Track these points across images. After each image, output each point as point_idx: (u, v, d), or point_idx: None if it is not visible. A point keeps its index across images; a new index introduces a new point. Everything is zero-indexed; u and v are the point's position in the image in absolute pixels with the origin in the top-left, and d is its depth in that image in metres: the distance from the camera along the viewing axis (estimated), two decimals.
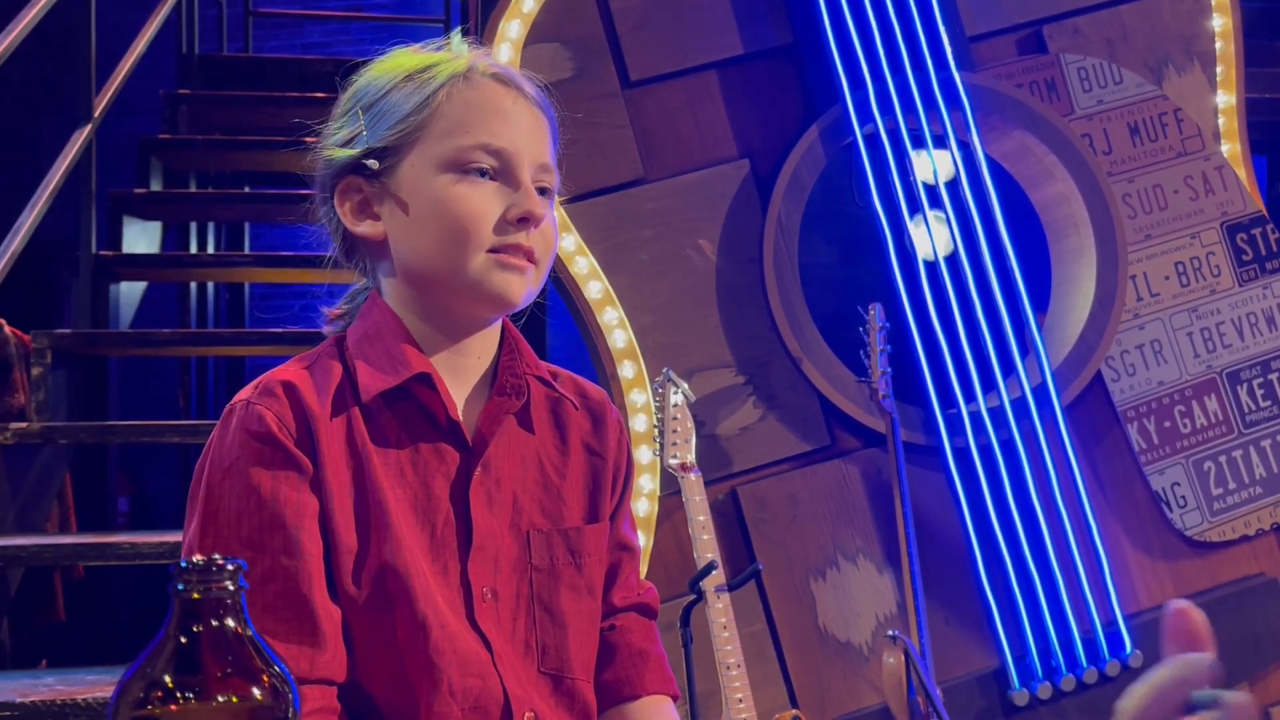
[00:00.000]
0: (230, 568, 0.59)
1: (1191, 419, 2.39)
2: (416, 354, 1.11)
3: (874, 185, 2.29)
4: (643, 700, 1.19)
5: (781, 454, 2.23)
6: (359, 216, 1.13)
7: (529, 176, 1.11)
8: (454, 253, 1.09)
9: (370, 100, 1.13)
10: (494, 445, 1.12)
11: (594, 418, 1.20)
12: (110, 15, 3.45)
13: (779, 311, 2.24)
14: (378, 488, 1.07)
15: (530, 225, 1.10)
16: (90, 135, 3.11)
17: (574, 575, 1.14)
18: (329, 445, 1.07)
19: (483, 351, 1.15)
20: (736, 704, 1.91)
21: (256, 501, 1.04)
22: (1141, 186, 2.43)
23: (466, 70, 1.13)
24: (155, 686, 0.56)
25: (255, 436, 1.06)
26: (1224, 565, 2.38)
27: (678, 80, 2.26)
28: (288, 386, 1.08)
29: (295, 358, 1.14)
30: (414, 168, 1.10)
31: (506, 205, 1.10)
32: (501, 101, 1.12)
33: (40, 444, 2.68)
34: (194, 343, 3.66)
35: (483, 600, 1.10)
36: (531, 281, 1.11)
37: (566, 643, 1.13)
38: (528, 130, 1.12)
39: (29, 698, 1.98)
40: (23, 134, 5.02)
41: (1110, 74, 2.43)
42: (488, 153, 1.10)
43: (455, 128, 1.10)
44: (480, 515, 1.11)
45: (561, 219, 2.18)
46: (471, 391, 1.14)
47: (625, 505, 1.23)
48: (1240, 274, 2.45)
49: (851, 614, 2.21)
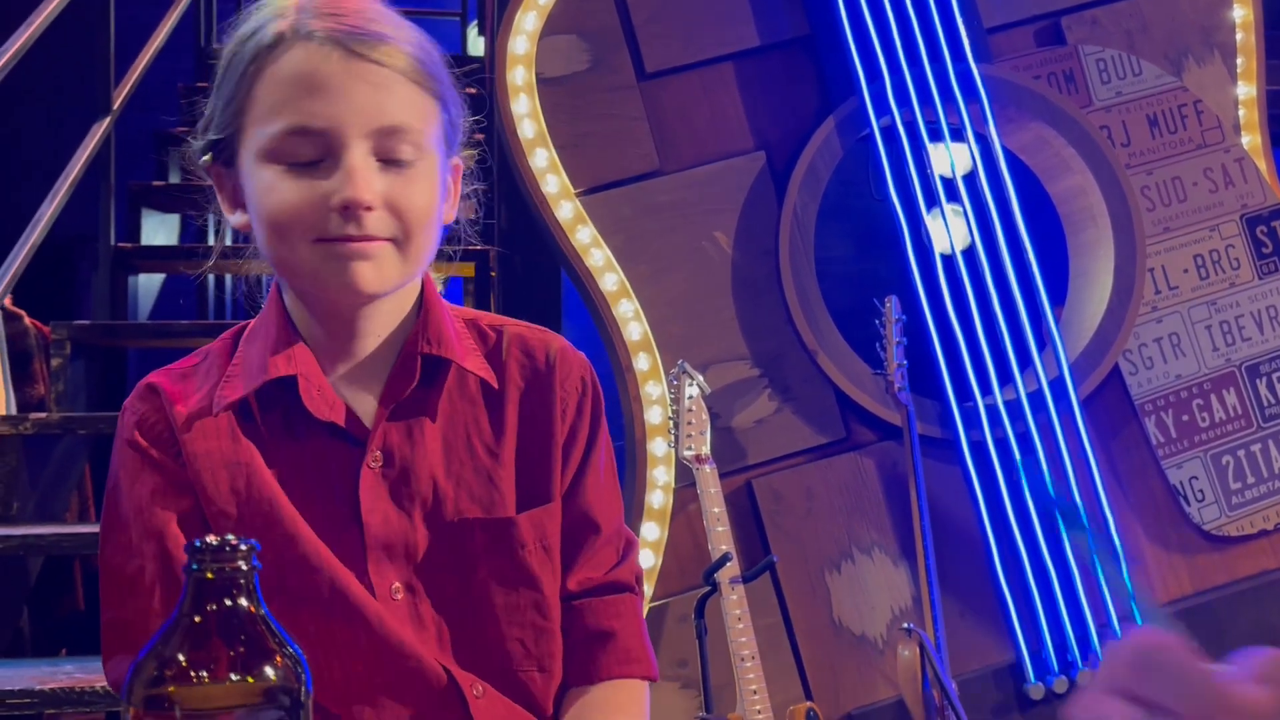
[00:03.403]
0: (244, 548, 0.59)
1: (1210, 412, 2.38)
2: (283, 354, 1.02)
3: (890, 178, 2.29)
4: (598, 685, 1.08)
5: (797, 447, 2.23)
6: (232, 208, 1.03)
7: (363, 151, 0.96)
8: (282, 249, 0.98)
9: (218, 78, 1.02)
10: (395, 434, 1.03)
11: (537, 381, 1.07)
12: (128, 9, 3.46)
13: (794, 304, 2.23)
14: (264, 484, 1.01)
15: (356, 211, 0.96)
16: (109, 128, 3.12)
17: (505, 567, 1.04)
18: (201, 446, 1.01)
19: (381, 329, 1.04)
20: (751, 696, 1.91)
21: (135, 510, 1.01)
22: (1160, 179, 2.41)
23: (275, 39, 0.98)
24: (169, 665, 0.57)
25: (127, 444, 1.03)
26: (1242, 560, 2.37)
27: (693, 72, 2.26)
28: (153, 389, 1.04)
29: (196, 350, 1.09)
30: (245, 160, 0.99)
31: (331, 191, 0.96)
32: (317, 69, 0.96)
33: (60, 434, 2.69)
34: (212, 334, 3.66)
35: (393, 599, 1.02)
36: (394, 264, 0.99)
37: (500, 636, 1.04)
38: (360, 95, 0.96)
39: (48, 685, 1.99)
40: (42, 127, 5.05)
41: (1129, 65, 2.42)
42: (303, 136, 0.96)
43: (267, 112, 0.97)
44: (376, 511, 1.02)
45: (577, 211, 2.18)
46: (370, 374, 1.04)
47: (590, 476, 1.09)
48: (1260, 267, 2.44)
49: (866, 607, 2.21)
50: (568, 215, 2.18)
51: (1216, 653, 0.55)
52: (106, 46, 3.15)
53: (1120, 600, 2.27)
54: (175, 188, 3.77)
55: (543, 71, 2.18)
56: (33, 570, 2.59)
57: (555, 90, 2.19)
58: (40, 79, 3.68)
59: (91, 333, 2.90)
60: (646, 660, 1.11)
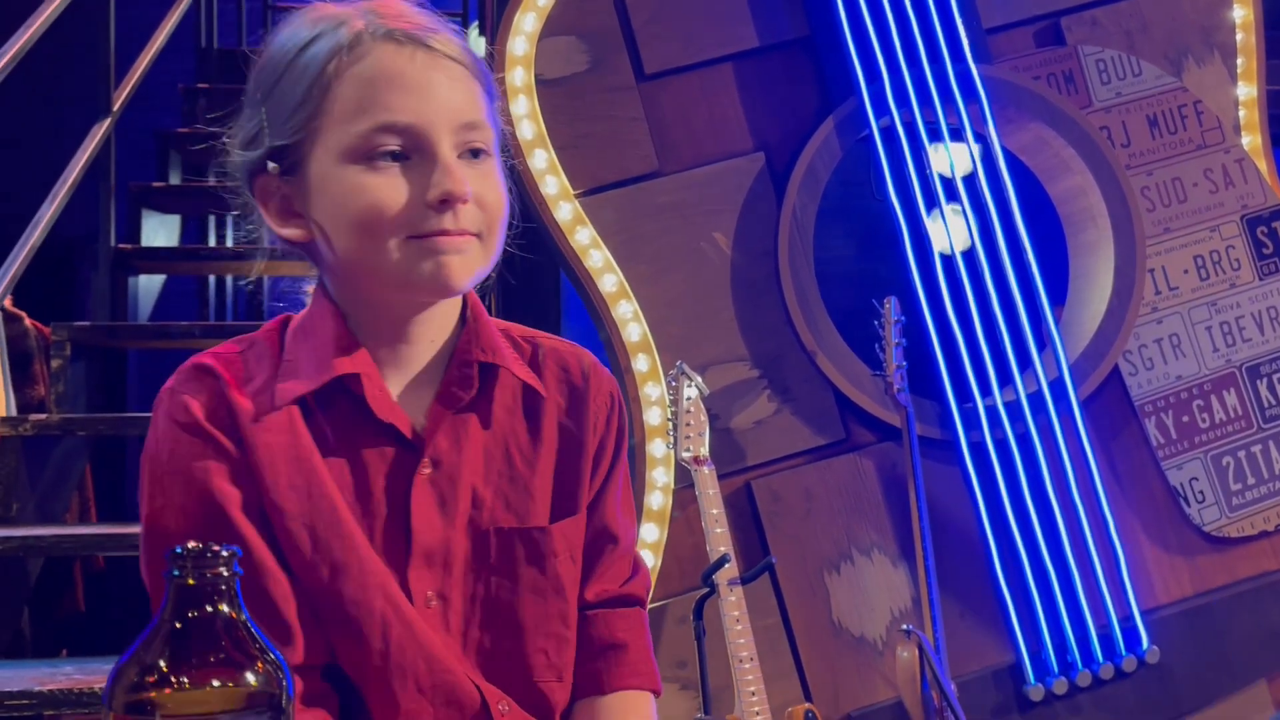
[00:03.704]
0: (225, 554, 0.59)
1: (1210, 413, 2.38)
2: (345, 353, 1.02)
3: (890, 179, 2.28)
4: (610, 696, 1.10)
5: (796, 448, 2.22)
6: (283, 220, 1.02)
7: (449, 146, 0.98)
8: (371, 249, 0.98)
9: (269, 85, 1.01)
10: (444, 440, 1.03)
11: (574, 395, 1.09)
12: (129, 9, 3.47)
13: (794, 305, 2.23)
14: (324, 482, 1.01)
15: (455, 204, 0.97)
16: (110, 129, 3.12)
17: (537, 577, 1.05)
18: (262, 437, 1.01)
19: (435, 336, 1.05)
20: (749, 697, 1.91)
21: (195, 496, 0.99)
22: (1160, 179, 2.41)
23: (353, 38, 0.98)
24: (150, 670, 0.56)
25: (183, 427, 1.00)
26: (1242, 561, 2.36)
27: (692, 73, 2.25)
28: (210, 371, 1.02)
29: (234, 339, 1.07)
30: (319, 163, 0.99)
31: (424, 187, 0.97)
32: (398, 66, 0.98)
33: (59, 435, 2.69)
34: (212, 335, 3.65)
35: (427, 607, 1.03)
36: (477, 259, 1.00)
37: (524, 646, 1.05)
38: (441, 90, 0.98)
39: (47, 686, 2.00)
40: (42, 128, 5.06)
41: (1129, 66, 2.41)
42: (392, 133, 0.97)
43: (351, 111, 0.97)
44: (425, 518, 1.03)
45: (576, 212, 2.18)
46: (422, 382, 1.05)
47: (611, 490, 1.11)
48: (1260, 267, 2.43)
49: (866, 608, 2.21)
50: (567, 216, 2.17)
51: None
52: (107, 47, 3.16)
53: (1121, 602, 2.26)
54: (176, 189, 3.78)
55: (542, 73, 2.18)
56: (32, 571, 2.60)
57: (554, 91, 2.18)
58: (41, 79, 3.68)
59: (92, 334, 2.90)
60: (654, 674, 1.14)
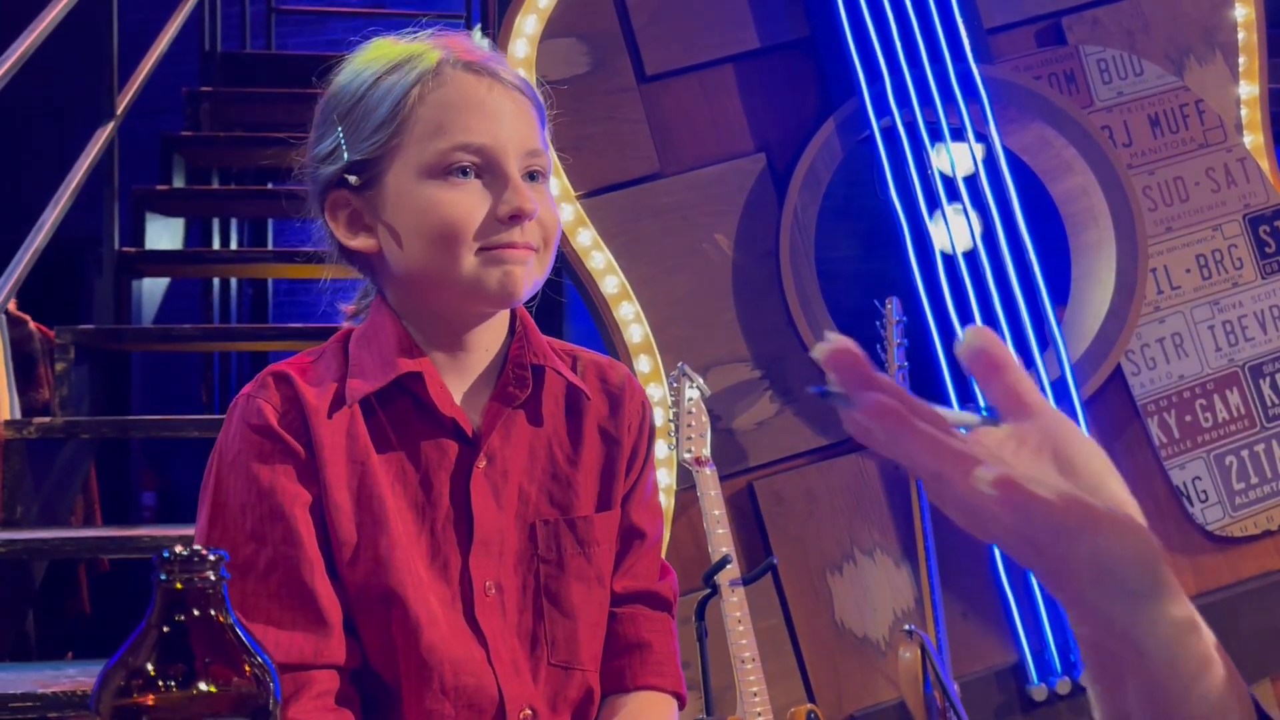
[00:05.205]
0: (212, 558, 0.59)
1: (1213, 413, 2.37)
2: (407, 355, 1.10)
3: (892, 179, 2.28)
4: (633, 694, 1.18)
5: (798, 448, 2.22)
6: (352, 231, 1.12)
7: (516, 167, 1.09)
8: (445, 259, 1.07)
9: (346, 107, 1.11)
10: (498, 437, 1.12)
11: (612, 401, 1.19)
12: (133, 13, 3.48)
13: (795, 305, 2.23)
14: (376, 483, 1.08)
15: (523, 220, 1.08)
16: (113, 133, 3.13)
17: (583, 565, 1.14)
18: (328, 439, 1.08)
19: (490, 344, 1.14)
20: (751, 698, 1.91)
21: (258, 494, 1.06)
22: (1162, 179, 2.41)
23: (436, 66, 1.10)
24: (137, 675, 0.56)
25: (255, 430, 1.08)
26: (1246, 560, 2.36)
27: (693, 74, 2.25)
28: (285, 379, 1.10)
29: (305, 351, 1.16)
30: (397, 178, 1.08)
31: (495, 203, 1.08)
32: (477, 94, 1.09)
33: (63, 438, 2.70)
34: (215, 338, 3.68)
35: (485, 595, 1.10)
36: (535, 271, 1.10)
37: (576, 634, 1.13)
38: (510, 118, 1.10)
39: (51, 689, 2.00)
40: (47, 132, 5.07)
41: (1130, 65, 2.41)
42: (468, 152, 1.07)
43: (432, 131, 1.08)
44: (483, 509, 1.11)
45: (578, 214, 2.18)
46: (478, 384, 1.14)
47: (640, 489, 1.21)
48: (1263, 266, 2.43)
49: (868, 609, 2.20)
50: (568, 218, 2.18)
51: None
52: (110, 51, 3.16)
53: None
54: (179, 192, 3.79)
55: (543, 74, 2.18)
56: (37, 574, 2.61)
57: (555, 93, 2.18)
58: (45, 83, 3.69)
59: (96, 337, 2.91)
60: (679, 678, 1.21)
